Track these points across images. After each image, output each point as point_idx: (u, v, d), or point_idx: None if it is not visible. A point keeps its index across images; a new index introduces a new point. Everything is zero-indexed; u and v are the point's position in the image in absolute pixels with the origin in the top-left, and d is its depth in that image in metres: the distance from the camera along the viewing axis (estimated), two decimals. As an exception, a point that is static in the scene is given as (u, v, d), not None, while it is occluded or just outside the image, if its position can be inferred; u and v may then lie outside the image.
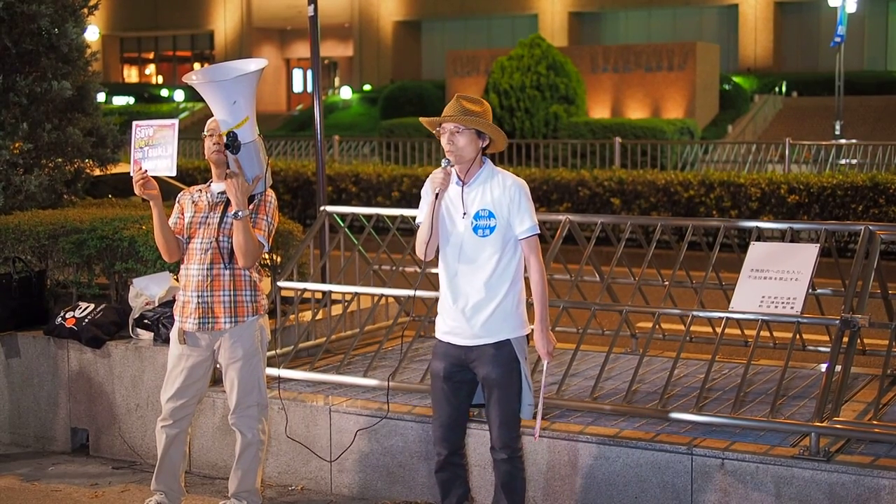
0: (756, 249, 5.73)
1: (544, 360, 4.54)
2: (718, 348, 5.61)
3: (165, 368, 5.22)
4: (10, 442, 6.70)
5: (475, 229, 4.51)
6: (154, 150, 4.96)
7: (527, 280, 4.59)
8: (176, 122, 4.99)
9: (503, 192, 4.50)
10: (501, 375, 4.50)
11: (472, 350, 4.53)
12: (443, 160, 4.59)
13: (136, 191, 4.93)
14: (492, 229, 4.49)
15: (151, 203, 4.96)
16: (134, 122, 5.07)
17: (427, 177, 4.60)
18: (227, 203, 4.97)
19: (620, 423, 5.33)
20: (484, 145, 4.54)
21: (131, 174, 4.96)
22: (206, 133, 5.00)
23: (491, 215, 4.49)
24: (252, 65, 4.87)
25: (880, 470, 4.62)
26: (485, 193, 4.52)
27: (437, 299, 6.37)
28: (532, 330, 4.61)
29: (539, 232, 4.54)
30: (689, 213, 14.51)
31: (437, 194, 4.52)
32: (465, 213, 4.52)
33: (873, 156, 18.98)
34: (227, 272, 4.99)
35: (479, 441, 5.28)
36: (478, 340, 4.52)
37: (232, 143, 4.81)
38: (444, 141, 4.53)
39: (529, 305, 4.63)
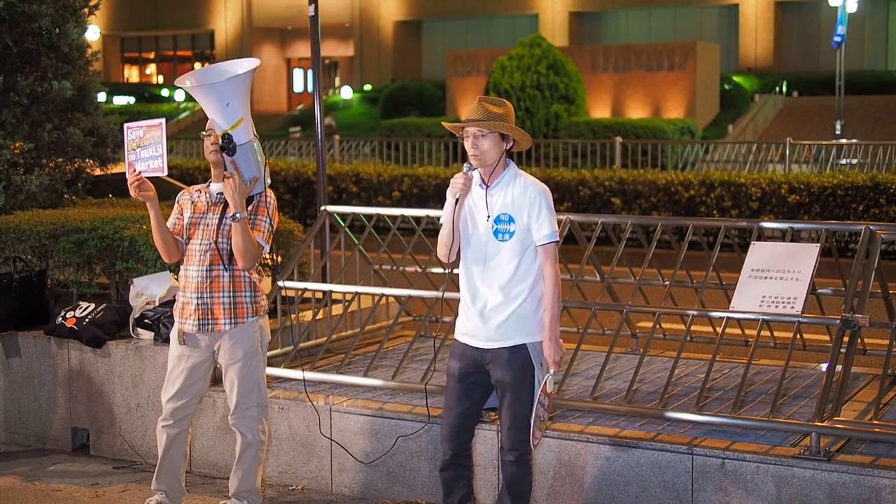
0: (757, 249, 5.73)
1: (551, 370, 4.49)
2: (719, 348, 5.61)
3: (166, 368, 5.22)
4: (10, 441, 6.70)
5: (495, 233, 4.50)
6: (145, 151, 4.95)
7: None
8: (163, 121, 4.97)
9: (524, 198, 4.48)
10: (514, 379, 4.49)
11: (488, 352, 4.52)
12: (465, 164, 4.57)
13: (132, 193, 4.92)
14: (511, 234, 4.48)
15: (148, 205, 4.95)
16: (125, 125, 5.06)
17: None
18: (227, 204, 4.95)
19: (621, 423, 5.33)
20: (508, 147, 4.54)
21: (127, 176, 4.96)
22: (205, 133, 4.99)
23: (511, 220, 4.48)
24: (243, 66, 4.84)
25: (881, 470, 4.61)
26: (506, 197, 4.51)
27: (437, 300, 6.37)
28: None
29: (557, 240, 4.50)
30: (690, 212, 14.52)
31: (457, 199, 4.51)
32: (487, 217, 4.51)
33: (874, 155, 18.99)
34: (227, 273, 4.98)
35: (481, 441, 5.27)
36: (493, 343, 4.51)
37: (227, 144, 4.79)
38: (467, 145, 4.51)
39: None
